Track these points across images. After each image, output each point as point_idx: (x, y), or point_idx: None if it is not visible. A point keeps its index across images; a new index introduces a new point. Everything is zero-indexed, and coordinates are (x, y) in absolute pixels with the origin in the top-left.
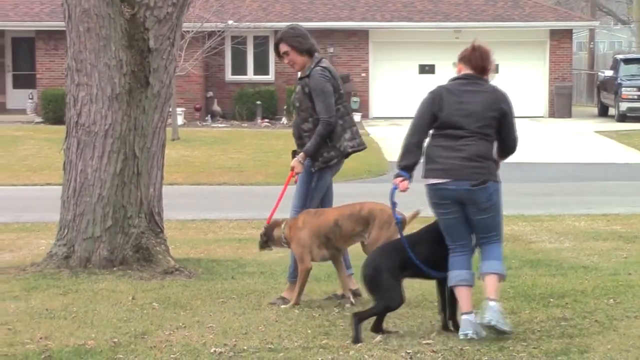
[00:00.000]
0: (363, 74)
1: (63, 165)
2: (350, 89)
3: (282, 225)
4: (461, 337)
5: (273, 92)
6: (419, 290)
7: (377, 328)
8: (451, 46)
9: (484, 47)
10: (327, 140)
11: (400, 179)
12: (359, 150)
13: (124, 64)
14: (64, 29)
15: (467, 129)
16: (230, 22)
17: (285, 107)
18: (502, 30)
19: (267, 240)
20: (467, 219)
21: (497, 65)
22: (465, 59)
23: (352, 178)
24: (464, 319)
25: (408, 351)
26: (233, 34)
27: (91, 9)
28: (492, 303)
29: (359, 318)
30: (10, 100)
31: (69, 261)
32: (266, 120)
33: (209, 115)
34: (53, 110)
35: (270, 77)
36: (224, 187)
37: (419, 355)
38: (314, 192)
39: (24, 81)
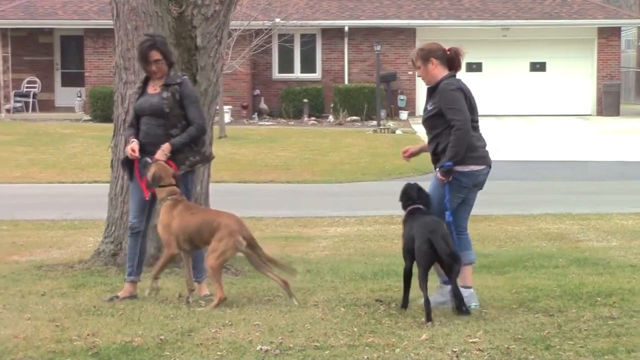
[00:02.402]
0: (410, 72)
1: (111, 163)
2: (396, 87)
3: (165, 197)
4: (473, 307)
5: (320, 90)
6: None
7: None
8: (498, 44)
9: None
10: (192, 144)
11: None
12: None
13: None
14: (112, 27)
15: (478, 121)
16: (277, 20)
17: (332, 105)
18: (549, 28)
19: (152, 184)
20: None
21: (543, 63)
22: (450, 60)
23: (398, 176)
24: (472, 292)
25: (454, 349)
26: (280, 32)
27: (139, 7)
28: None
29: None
30: (59, 98)
31: (117, 258)
32: (313, 118)
33: (256, 113)
34: (101, 108)
35: (317, 75)
36: (271, 185)
37: (465, 353)
38: (190, 193)
39: (73, 79)
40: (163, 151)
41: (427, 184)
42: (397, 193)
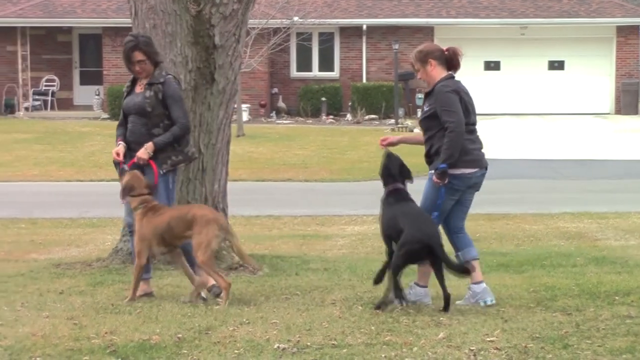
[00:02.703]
0: None
1: None
2: (414, 85)
3: (137, 206)
4: (489, 303)
5: (338, 89)
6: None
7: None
8: (517, 43)
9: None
10: (175, 144)
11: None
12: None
13: (190, 60)
14: (130, 25)
15: (474, 123)
16: (295, 18)
17: (350, 103)
18: (568, 26)
19: (124, 193)
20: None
21: (562, 62)
22: (448, 60)
23: (417, 174)
24: (485, 288)
25: (472, 348)
26: (298, 30)
27: (157, 5)
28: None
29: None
30: (77, 96)
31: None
32: (331, 116)
33: (274, 112)
34: (119, 107)
35: (335, 73)
36: (289, 183)
37: (482, 352)
38: (172, 192)
39: (91, 78)
40: (146, 150)
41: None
42: (415, 191)
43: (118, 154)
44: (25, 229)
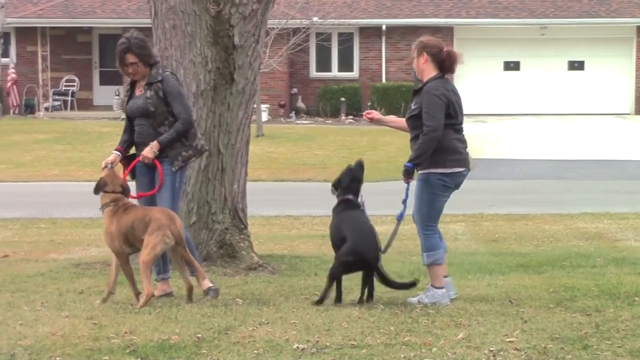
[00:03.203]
0: None
1: None
2: None
3: (108, 203)
4: (453, 297)
5: (357, 89)
6: (502, 287)
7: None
8: (536, 43)
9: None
10: (183, 139)
11: None
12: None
13: (209, 60)
14: (150, 25)
15: (462, 123)
16: (315, 18)
17: (369, 103)
18: (588, 26)
19: (97, 189)
20: None
21: (582, 62)
22: (441, 61)
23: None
24: (447, 281)
25: (491, 348)
26: (318, 30)
27: (177, 5)
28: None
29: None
30: (97, 96)
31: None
32: (350, 116)
33: (293, 112)
34: None
35: (355, 73)
36: (308, 183)
37: (502, 352)
38: (179, 191)
39: (111, 78)
40: (151, 149)
41: (465, 183)
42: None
43: (108, 163)
44: (45, 229)
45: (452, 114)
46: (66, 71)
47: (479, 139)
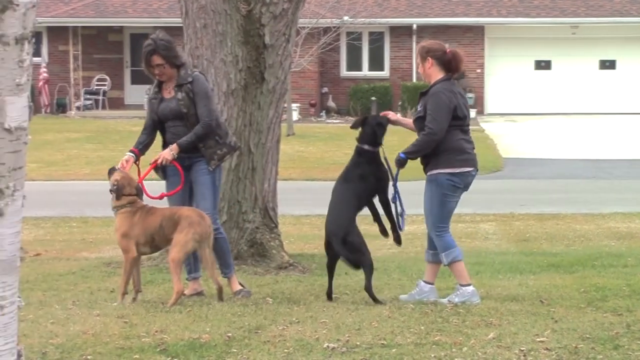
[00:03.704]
0: (478, 70)
1: None
2: (464, 85)
3: (125, 204)
4: (477, 302)
5: (388, 88)
6: (533, 287)
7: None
8: (568, 42)
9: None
10: (217, 138)
11: None
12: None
13: (240, 59)
14: (181, 25)
15: (469, 124)
16: (345, 18)
17: (400, 103)
18: (620, 25)
19: (119, 193)
20: None
21: (613, 61)
22: (446, 63)
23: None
24: (473, 290)
25: (522, 348)
26: (348, 29)
27: (208, 5)
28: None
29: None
30: (129, 95)
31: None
32: None
33: (324, 111)
34: None
35: (385, 73)
36: None
37: (532, 352)
38: (219, 189)
39: (142, 77)
40: (171, 151)
41: (494, 183)
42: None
43: (123, 166)
44: (77, 228)
45: (460, 115)
46: (97, 70)
47: (510, 139)
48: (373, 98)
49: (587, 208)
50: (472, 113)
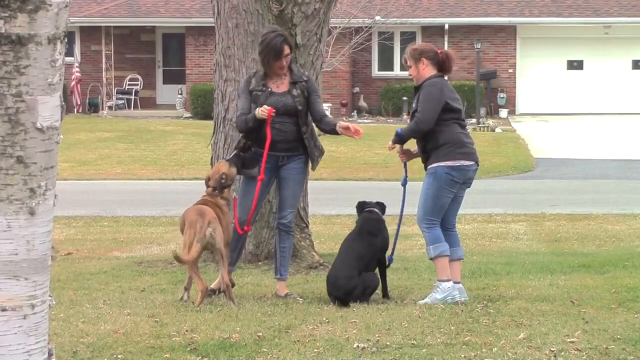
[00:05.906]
0: (510, 70)
1: (210, 160)
2: (496, 85)
3: (228, 198)
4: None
5: None
6: (563, 287)
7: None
8: (600, 42)
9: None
10: (313, 141)
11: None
12: None
13: None
14: (213, 25)
15: (464, 119)
16: (377, 17)
17: None
18: None
19: (226, 183)
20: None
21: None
22: (441, 63)
23: (497, 174)
24: (461, 287)
25: (552, 349)
26: (380, 29)
27: (240, 5)
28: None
29: None
30: (160, 95)
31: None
32: None
33: (355, 111)
34: (201, 106)
35: None
36: (369, 182)
37: (563, 353)
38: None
39: (174, 77)
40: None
41: (526, 183)
42: (496, 191)
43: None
44: (108, 227)
45: (455, 107)
46: (130, 70)
47: (541, 139)
48: (404, 98)
49: (619, 208)
50: (504, 113)
